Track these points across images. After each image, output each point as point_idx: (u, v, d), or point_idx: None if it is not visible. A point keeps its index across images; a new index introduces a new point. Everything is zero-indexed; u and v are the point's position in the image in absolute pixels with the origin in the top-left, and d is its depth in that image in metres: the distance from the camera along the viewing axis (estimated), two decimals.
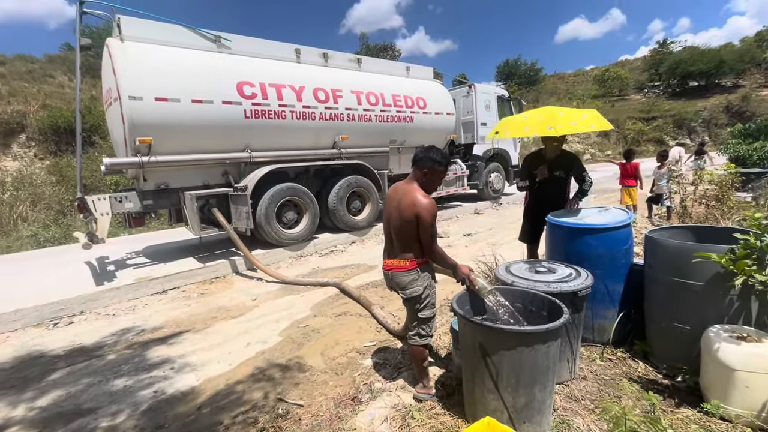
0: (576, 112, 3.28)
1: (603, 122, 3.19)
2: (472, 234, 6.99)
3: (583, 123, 3.11)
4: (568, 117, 3.14)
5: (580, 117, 3.16)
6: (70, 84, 16.68)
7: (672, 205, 6.32)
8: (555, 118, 3.09)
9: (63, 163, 11.82)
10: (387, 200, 2.30)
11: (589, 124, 3.11)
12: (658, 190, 6.54)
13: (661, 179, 6.49)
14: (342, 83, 7.01)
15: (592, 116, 3.20)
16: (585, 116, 3.19)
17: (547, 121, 3.11)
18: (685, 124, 28.59)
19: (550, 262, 2.65)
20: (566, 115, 3.16)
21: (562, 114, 3.15)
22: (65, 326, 4.09)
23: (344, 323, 3.65)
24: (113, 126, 5.66)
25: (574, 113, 3.25)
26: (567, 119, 3.11)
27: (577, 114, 3.23)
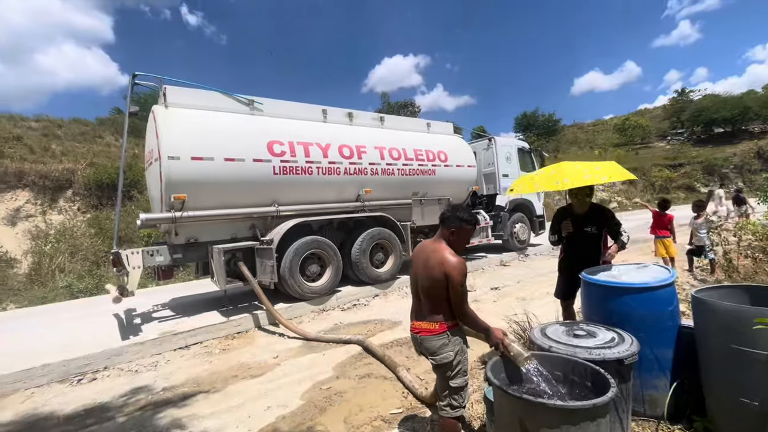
0: (590, 165, 3.16)
1: (620, 173, 3.05)
2: (499, 287, 6.74)
3: (596, 174, 2.97)
4: (580, 170, 3.02)
5: (593, 169, 3.03)
6: (116, 143, 18.17)
7: (715, 257, 6.00)
8: (563, 173, 3.02)
9: (102, 216, 12.54)
10: (414, 258, 2.26)
11: (602, 176, 2.97)
12: (698, 242, 6.21)
13: (701, 230, 6.20)
14: (366, 140, 7.30)
15: (606, 168, 3.06)
16: (599, 168, 3.05)
17: (555, 176, 3.06)
18: (715, 170, 27.86)
19: (588, 325, 2.49)
20: (579, 168, 3.06)
21: (578, 167, 3.07)
22: (88, 382, 4.07)
23: (368, 386, 3.46)
24: (152, 183, 6.01)
25: (587, 166, 3.13)
26: (577, 173, 3.00)
27: (590, 166, 3.11)
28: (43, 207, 12.63)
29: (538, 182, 3.24)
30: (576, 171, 3.03)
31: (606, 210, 3.43)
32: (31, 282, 9.90)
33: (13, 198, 12.31)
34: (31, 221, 12.12)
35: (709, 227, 6.24)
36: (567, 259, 3.52)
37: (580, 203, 3.38)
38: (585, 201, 3.37)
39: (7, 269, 10.38)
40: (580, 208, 3.39)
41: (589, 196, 3.37)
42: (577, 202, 3.39)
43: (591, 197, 3.41)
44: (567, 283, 3.52)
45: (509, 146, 10.19)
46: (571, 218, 3.40)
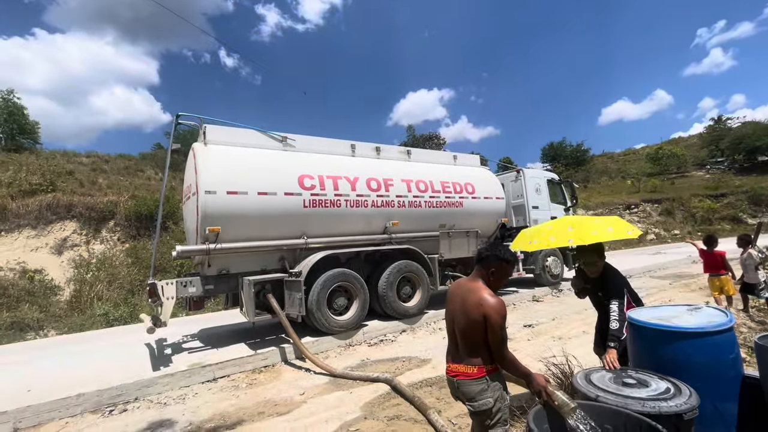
0: (589, 222, 2.88)
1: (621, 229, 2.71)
2: (533, 325, 6.43)
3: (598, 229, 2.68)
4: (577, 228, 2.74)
5: (588, 228, 2.70)
6: (155, 177, 19.28)
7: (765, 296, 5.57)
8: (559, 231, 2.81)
9: (139, 246, 13.11)
10: (449, 298, 2.19)
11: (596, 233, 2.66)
12: (749, 279, 5.76)
13: (750, 266, 5.76)
14: (393, 173, 7.39)
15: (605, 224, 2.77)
16: (597, 223, 2.77)
17: (551, 233, 2.88)
18: (763, 200, 26.22)
19: (638, 372, 2.30)
20: (575, 227, 2.77)
21: (570, 230, 2.78)
22: (119, 414, 4.10)
23: (398, 429, 3.30)
24: (188, 216, 6.27)
25: (586, 222, 2.87)
26: (576, 231, 2.72)
27: (588, 223, 2.82)
28: (88, 237, 13.38)
29: (537, 238, 2.97)
30: (569, 231, 2.76)
31: (610, 278, 2.90)
32: (71, 309, 10.33)
33: (61, 228, 13.13)
34: (76, 250, 12.83)
35: (760, 262, 5.78)
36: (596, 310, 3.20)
37: (586, 268, 3.00)
38: (590, 268, 2.96)
39: (51, 296, 10.91)
40: (588, 272, 3.01)
41: (594, 264, 2.92)
42: (583, 266, 3.03)
43: (598, 263, 2.92)
44: (599, 331, 3.15)
45: (538, 178, 10.04)
46: (585, 278, 3.08)
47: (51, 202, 13.26)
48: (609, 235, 2.66)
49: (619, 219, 2.90)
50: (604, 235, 2.65)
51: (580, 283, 3.12)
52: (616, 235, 2.68)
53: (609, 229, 2.67)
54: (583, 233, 2.62)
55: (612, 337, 2.61)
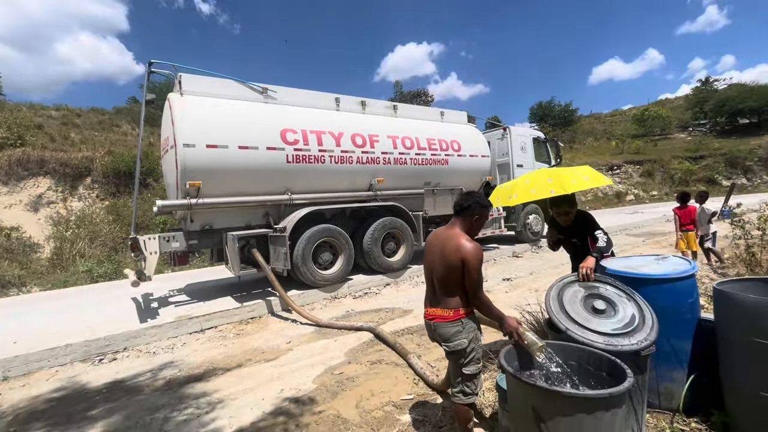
0: (566, 172, 2.89)
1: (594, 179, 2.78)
2: (511, 278, 6.70)
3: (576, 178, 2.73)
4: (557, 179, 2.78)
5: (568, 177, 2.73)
6: (132, 132, 18.47)
7: (714, 246, 6.19)
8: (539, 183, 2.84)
9: (120, 204, 12.82)
10: (428, 246, 2.25)
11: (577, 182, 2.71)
12: (702, 231, 6.28)
13: (703, 219, 6.29)
14: (379, 129, 7.25)
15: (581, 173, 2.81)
16: (574, 173, 2.81)
17: (531, 186, 2.92)
18: (739, 162, 26.93)
19: (608, 287, 2.43)
20: (554, 178, 2.80)
21: (550, 181, 2.80)
22: (109, 362, 4.21)
23: (380, 372, 3.50)
24: (168, 171, 6.10)
25: (564, 172, 2.89)
26: (556, 181, 2.75)
27: (566, 173, 2.82)
28: (64, 194, 12.96)
29: (518, 192, 2.99)
30: (548, 183, 2.79)
31: (585, 218, 3.07)
32: (53, 266, 10.23)
33: (35, 185, 12.65)
34: (53, 208, 12.47)
35: (713, 215, 6.29)
36: (570, 259, 3.34)
37: (560, 218, 3.09)
38: (563, 217, 3.06)
39: (30, 254, 10.74)
40: (561, 222, 3.12)
41: (567, 214, 3.02)
42: (557, 216, 3.12)
43: (570, 212, 3.02)
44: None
45: (524, 136, 10.01)
46: (558, 229, 3.19)
47: (21, 158, 12.67)
48: (587, 183, 2.74)
49: (590, 168, 2.94)
50: (583, 183, 2.71)
51: (554, 235, 3.22)
52: (592, 183, 2.75)
53: (586, 178, 2.73)
54: (564, 183, 2.66)
55: (597, 249, 2.72)
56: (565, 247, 3.26)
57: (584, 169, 2.88)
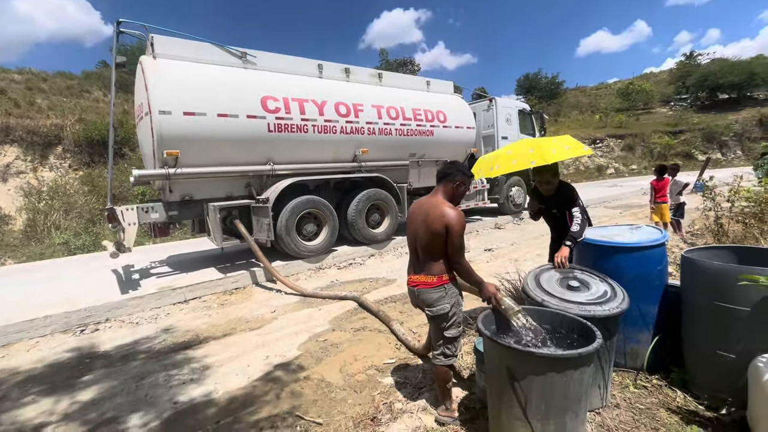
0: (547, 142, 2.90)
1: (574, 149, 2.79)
2: (493, 249, 6.85)
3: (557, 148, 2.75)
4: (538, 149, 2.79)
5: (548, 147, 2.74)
6: (104, 99, 17.54)
7: (682, 218, 6.49)
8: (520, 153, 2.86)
9: (95, 174, 12.35)
10: (411, 215, 2.27)
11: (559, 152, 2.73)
12: (674, 202, 6.54)
13: (674, 191, 6.54)
14: (363, 98, 7.09)
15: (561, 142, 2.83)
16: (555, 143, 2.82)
17: (511, 156, 2.92)
18: (715, 137, 27.59)
19: (583, 272, 2.54)
20: (536, 148, 2.81)
21: (531, 151, 2.81)
22: (91, 333, 4.19)
23: (363, 339, 3.60)
24: (143, 139, 5.87)
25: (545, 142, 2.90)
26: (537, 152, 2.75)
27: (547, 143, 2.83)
28: (34, 164, 12.38)
29: (500, 163, 2.98)
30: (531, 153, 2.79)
31: (568, 191, 3.07)
32: (27, 238, 9.91)
33: (1, 153, 12.02)
34: (23, 178, 11.93)
35: (683, 187, 6.58)
36: (550, 231, 3.41)
37: (542, 187, 3.12)
38: (545, 186, 3.09)
39: (1, 225, 10.35)
40: (543, 191, 3.15)
41: (549, 183, 3.05)
42: (539, 186, 3.15)
43: (552, 181, 3.05)
44: (553, 247, 3.38)
45: (510, 107, 9.97)
46: (540, 198, 3.23)
47: None
48: (567, 153, 2.77)
49: (571, 137, 2.97)
50: (563, 153, 2.74)
51: (535, 204, 3.28)
52: (573, 153, 2.78)
53: (566, 147, 2.76)
54: (545, 153, 2.68)
55: (570, 237, 2.78)
56: (545, 218, 3.33)
57: (565, 139, 2.90)
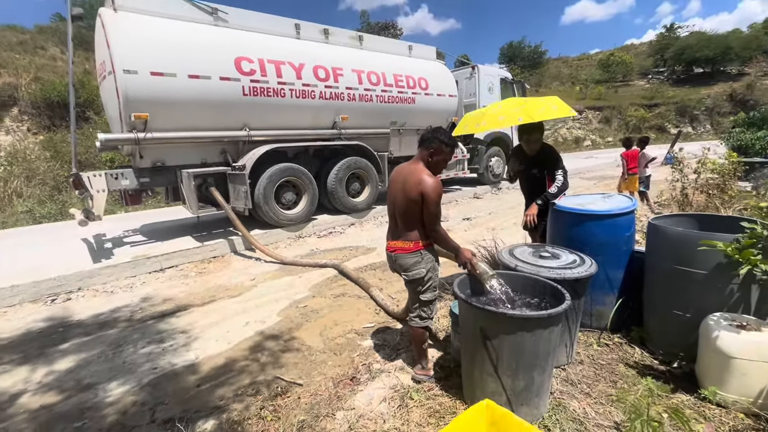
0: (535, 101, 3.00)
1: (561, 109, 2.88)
2: (471, 218, 6.98)
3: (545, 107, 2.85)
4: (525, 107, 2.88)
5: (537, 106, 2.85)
6: (62, 56, 16.23)
7: (647, 190, 6.73)
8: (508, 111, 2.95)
9: (57, 139, 11.63)
10: (391, 181, 2.26)
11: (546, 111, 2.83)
12: (640, 174, 6.78)
13: (641, 163, 6.78)
14: (343, 61, 6.83)
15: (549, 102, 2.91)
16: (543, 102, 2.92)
17: (500, 113, 3.00)
18: (688, 111, 28.33)
19: (554, 247, 2.64)
20: (524, 106, 2.90)
21: (518, 109, 2.90)
22: (63, 302, 4.09)
23: (343, 304, 3.66)
24: (108, 100, 5.52)
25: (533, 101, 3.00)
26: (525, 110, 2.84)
27: (535, 102, 2.94)
28: None
29: (486, 120, 3.04)
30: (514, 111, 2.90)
31: (550, 152, 3.20)
32: None
33: None
34: None
35: (650, 160, 6.81)
36: (524, 194, 3.54)
37: (528, 146, 3.22)
38: (532, 146, 3.18)
39: None
40: (528, 150, 3.23)
41: (537, 141, 3.15)
42: (525, 144, 3.23)
43: (537, 140, 3.16)
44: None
45: (492, 76, 9.85)
46: (521, 158, 3.32)
47: None
48: (554, 113, 2.84)
49: (559, 99, 3.02)
50: (551, 112, 2.82)
51: (516, 165, 3.37)
52: (560, 113, 2.85)
53: (554, 107, 2.84)
54: (532, 111, 2.75)
55: (543, 196, 2.97)
56: (521, 181, 3.43)
57: (553, 100, 2.96)
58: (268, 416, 2.13)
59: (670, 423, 1.85)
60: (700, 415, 1.94)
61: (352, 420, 2.05)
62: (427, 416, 2.05)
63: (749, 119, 12.43)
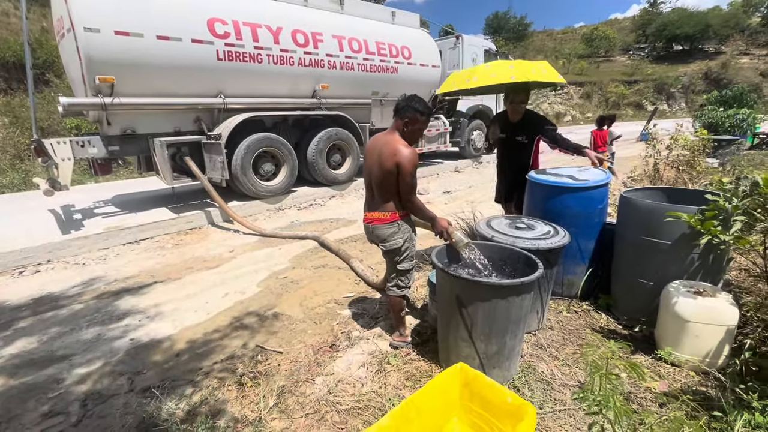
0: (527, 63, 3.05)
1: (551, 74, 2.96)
2: (451, 192, 7.03)
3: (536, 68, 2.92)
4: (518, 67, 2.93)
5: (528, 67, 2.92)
6: (15, 12, 14.89)
7: (612, 165, 6.99)
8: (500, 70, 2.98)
9: (15, 103, 10.85)
10: (367, 152, 2.23)
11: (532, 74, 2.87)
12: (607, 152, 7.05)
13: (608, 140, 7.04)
14: (323, 26, 6.55)
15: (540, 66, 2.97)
16: (534, 64, 2.98)
17: (491, 71, 3.02)
18: (665, 89, 28.81)
19: (530, 219, 2.70)
20: (516, 66, 2.96)
21: (511, 68, 2.96)
22: (31, 275, 3.95)
23: (323, 275, 3.68)
24: (69, 61, 5.15)
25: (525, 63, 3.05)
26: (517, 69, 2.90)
27: (527, 64, 3.00)
28: None
29: (477, 75, 3.03)
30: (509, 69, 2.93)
31: (538, 117, 3.25)
32: None
33: None
34: None
35: (612, 139, 7.06)
36: (501, 165, 3.56)
37: (514, 110, 3.21)
38: (518, 108, 3.19)
39: None
40: (513, 116, 3.23)
41: (522, 103, 3.18)
42: (511, 108, 3.22)
43: (522, 105, 3.19)
44: (504, 188, 3.60)
45: (476, 47, 9.68)
46: (503, 125, 3.31)
47: None
48: (545, 76, 2.92)
49: (548, 64, 3.06)
50: (541, 75, 2.90)
51: (496, 132, 3.38)
52: (549, 78, 2.94)
53: (544, 71, 2.93)
54: (525, 71, 2.84)
55: (566, 144, 3.08)
56: (500, 150, 3.46)
57: (543, 64, 3.02)
58: (248, 383, 2.17)
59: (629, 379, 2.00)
60: (655, 374, 2.09)
61: (331, 384, 2.12)
62: (403, 379, 2.14)
63: (721, 97, 12.78)
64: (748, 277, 2.68)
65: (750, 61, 30.70)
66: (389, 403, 1.95)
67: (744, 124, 9.45)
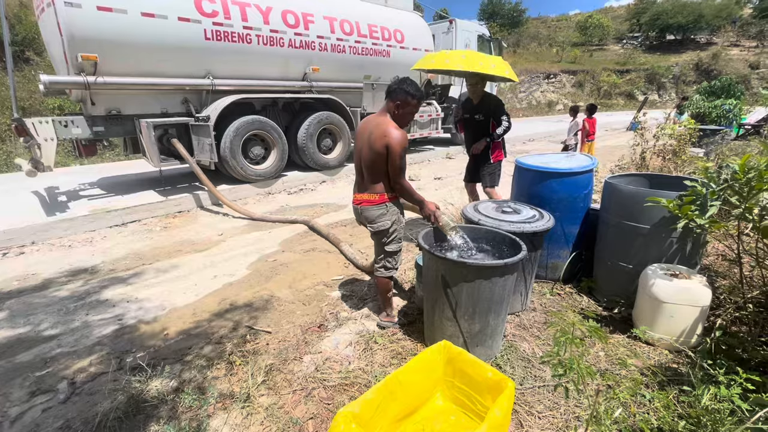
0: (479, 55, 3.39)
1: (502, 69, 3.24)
2: (442, 178, 7.06)
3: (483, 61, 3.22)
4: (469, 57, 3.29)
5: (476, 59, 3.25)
6: None
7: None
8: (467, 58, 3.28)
9: None
10: (358, 134, 2.23)
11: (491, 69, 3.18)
12: (568, 141, 7.09)
13: (571, 130, 7.06)
14: (314, 7, 6.42)
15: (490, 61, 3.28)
16: (485, 57, 3.32)
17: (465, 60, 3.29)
18: (656, 79, 28.95)
19: (516, 203, 2.75)
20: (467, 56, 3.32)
21: (463, 57, 3.31)
22: (15, 256, 3.90)
23: (312, 259, 3.71)
24: (49, 38, 4.99)
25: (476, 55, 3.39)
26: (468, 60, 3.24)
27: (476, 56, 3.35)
28: None
29: (449, 58, 3.39)
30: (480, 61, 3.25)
31: (496, 101, 3.59)
32: None
33: None
34: None
35: (581, 128, 7.11)
36: (467, 145, 3.84)
37: (473, 92, 3.58)
38: (476, 89, 3.54)
39: None
40: (473, 97, 3.61)
41: (479, 84, 3.51)
42: (470, 89, 3.59)
43: (480, 87, 3.54)
44: (469, 167, 3.94)
45: (470, 32, 9.59)
46: (466, 108, 3.69)
47: None
48: (491, 70, 3.15)
49: (503, 61, 3.40)
50: (488, 69, 3.15)
51: (459, 113, 3.76)
52: (497, 72, 3.15)
53: (492, 65, 3.17)
54: (473, 62, 3.18)
55: (491, 135, 3.51)
56: (466, 131, 3.78)
57: (496, 59, 3.36)
58: (237, 361, 2.20)
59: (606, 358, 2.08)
60: (631, 352, 2.18)
61: (319, 362, 2.16)
62: (390, 358, 2.19)
63: (710, 87, 12.91)
64: (724, 262, 2.78)
65: (740, 52, 30.92)
66: (375, 380, 2.00)
67: (730, 115, 9.59)
